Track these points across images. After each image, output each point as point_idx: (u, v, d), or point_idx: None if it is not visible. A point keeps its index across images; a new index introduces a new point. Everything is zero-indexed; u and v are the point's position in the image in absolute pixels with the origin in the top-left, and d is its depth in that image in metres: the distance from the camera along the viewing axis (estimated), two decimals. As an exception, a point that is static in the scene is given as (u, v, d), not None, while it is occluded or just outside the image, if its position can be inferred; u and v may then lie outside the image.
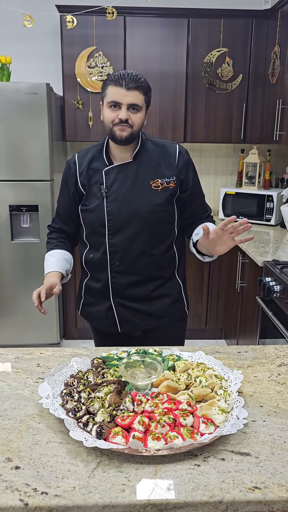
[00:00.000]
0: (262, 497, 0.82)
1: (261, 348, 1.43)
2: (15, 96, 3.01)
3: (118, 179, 1.58)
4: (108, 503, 0.80)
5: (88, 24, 3.27)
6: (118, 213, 1.57)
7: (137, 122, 1.51)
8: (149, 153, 1.59)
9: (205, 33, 3.34)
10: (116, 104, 1.47)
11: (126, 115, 1.48)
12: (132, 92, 1.46)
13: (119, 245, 1.59)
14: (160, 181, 1.57)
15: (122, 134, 1.50)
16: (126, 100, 1.46)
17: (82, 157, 1.65)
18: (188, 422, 0.99)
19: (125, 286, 1.64)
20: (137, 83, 1.47)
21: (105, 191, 1.57)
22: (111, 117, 1.49)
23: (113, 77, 1.48)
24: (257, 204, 3.52)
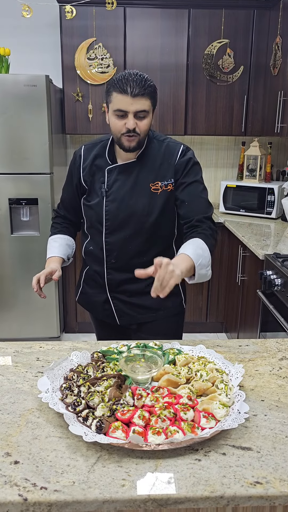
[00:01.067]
0: (263, 492, 0.81)
1: (263, 342, 1.42)
2: (14, 88, 2.98)
3: (119, 179, 1.57)
4: (108, 498, 0.79)
5: (88, 15, 3.23)
6: (116, 214, 1.57)
7: (144, 129, 1.48)
8: (153, 153, 1.57)
9: (206, 24, 3.31)
10: (122, 112, 1.44)
11: (133, 123, 1.44)
12: (138, 100, 1.41)
13: (115, 244, 1.60)
14: (160, 184, 1.55)
15: (130, 145, 1.49)
16: (133, 108, 1.42)
17: (88, 151, 1.64)
18: (188, 416, 0.98)
19: (121, 282, 1.64)
20: (143, 89, 1.41)
21: (106, 190, 1.57)
22: (119, 127, 1.47)
23: (117, 83, 1.42)
24: (258, 197, 3.50)
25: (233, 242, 3.26)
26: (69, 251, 1.73)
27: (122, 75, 1.43)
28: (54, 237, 1.75)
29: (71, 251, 1.76)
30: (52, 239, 1.75)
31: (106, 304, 1.69)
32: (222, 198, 3.63)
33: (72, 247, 1.77)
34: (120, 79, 1.42)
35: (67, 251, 1.72)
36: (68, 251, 1.73)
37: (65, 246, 1.72)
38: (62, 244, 1.72)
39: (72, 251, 1.77)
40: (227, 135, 3.54)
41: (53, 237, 1.75)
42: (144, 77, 1.44)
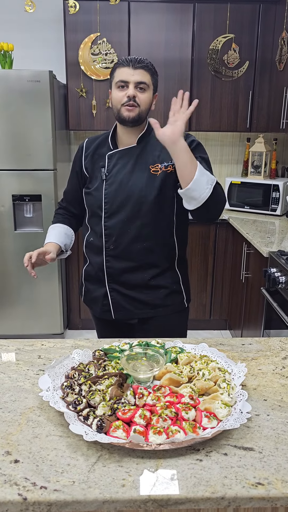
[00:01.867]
0: (265, 493, 0.80)
1: (266, 341, 1.41)
2: (17, 84, 2.96)
3: (119, 163, 1.59)
4: (108, 498, 0.79)
5: (92, 9, 3.21)
6: (114, 196, 1.58)
7: (144, 102, 1.52)
8: (153, 139, 1.56)
9: (211, 18, 3.27)
10: (123, 83, 1.50)
11: (134, 92, 1.50)
12: (139, 71, 1.50)
13: (113, 228, 1.59)
14: (159, 166, 1.56)
15: (130, 115, 1.51)
16: (133, 78, 1.49)
17: (91, 142, 1.69)
18: (190, 416, 0.97)
19: (120, 272, 1.63)
20: (143, 63, 1.51)
21: (105, 174, 1.60)
22: (119, 97, 1.52)
23: (120, 60, 1.54)
24: (263, 193, 3.47)
25: (238, 239, 3.24)
26: (67, 241, 1.74)
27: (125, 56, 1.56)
28: (53, 225, 1.78)
29: (70, 241, 1.76)
30: (51, 227, 1.77)
31: (105, 299, 1.68)
32: (227, 194, 3.61)
33: (71, 237, 1.77)
34: (123, 57, 1.54)
35: (65, 239, 1.73)
36: (66, 240, 1.73)
37: (63, 235, 1.73)
38: (60, 232, 1.73)
39: (71, 242, 1.77)
40: (232, 131, 3.51)
41: (53, 226, 1.78)
42: (146, 58, 1.54)
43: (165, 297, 1.66)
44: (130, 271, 1.62)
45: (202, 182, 1.41)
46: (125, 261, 1.61)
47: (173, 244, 1.65)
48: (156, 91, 1.60)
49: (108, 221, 1.60)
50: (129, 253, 1.60)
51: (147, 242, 1.60)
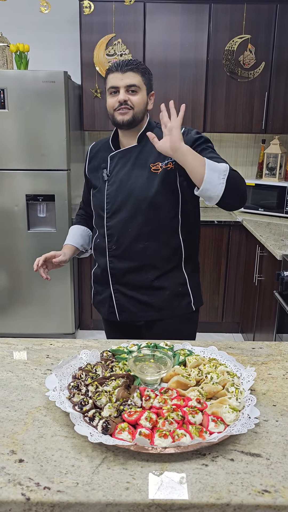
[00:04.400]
0: (271, 501, 0.78)
1: (276, 345, 1.38)
2: (32, 84, 2.98)
3: (120, 163, 1.60)
4: (111, 501, 0.78)
5: (107, 10, 3.21)
6: (115, 195, 1.58)
7: (137, 103, 1.52)
8: None
9: (227, 19, 3.25)
10: (114, 88, 1.51)
11: (125, 96, 1.50)
12: (127, 74, 1.49)
13: (115, 227, 1.59)
14: (160, 164, 1.55)
15: (124, 118, 1.52)
16: (123, 82, 1.50)
17: (96, 146, 1.73)
18: (197, 420, 0.95)
19: (123, 272, 1.61)
20: (132, 65, 1.50)
21: (107, 175, 1.61)
22: (112, 103, 1.53)
23: (110, 66, 1.54)
24: (278, 196, 3.43)
25: (251, 242, 3.21)
26: (82, 241, 1.79)
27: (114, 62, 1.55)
28: (72, 227, 1.85)
29: (87, 240, 1.81)
30: (71, 228, 1.85)
31: (111, 301, 1.67)
32: (241, 196, 3.57)
33: (88, 237, 1.82)
34: (113, 64, 1.53)
35: (80, 240, 1.78)
36: (81, 241, 1.79)
37: (78, 236, 1.79)
38: (76, 233, 1.80)
39: (88, 241, 1.81)
40: (247, 132, 3.48)
41: (72, 227, 1.85)
42: (135, 59, 1.54)
43: (170, 299, 1.63)
44: (132, 271, 1.61)
45: (214, 178, 1.38)
46: (127, 261, 1.60)
47: (178, 243, 1.61)
48: (152, 90, 1.59)
49: (110, 221, 1.60)
50: (130, 252, 1.59)
51: (149, 241, 1.57)
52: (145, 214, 1.56)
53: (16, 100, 3.01)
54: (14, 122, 3.04)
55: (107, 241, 1.62)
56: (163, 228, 1.58)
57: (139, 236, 1.57)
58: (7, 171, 3.13)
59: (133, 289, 1.63)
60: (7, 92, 2.99)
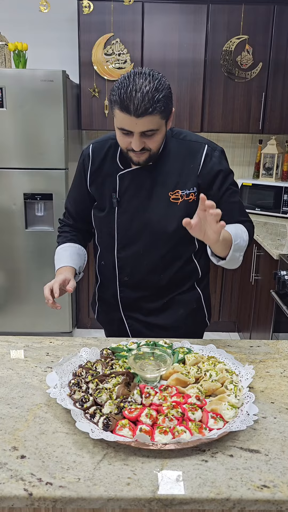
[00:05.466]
0: (270, 496, 0.80)
1: (274, 343, 1.40)
2: (31, 83, 2.99)
3: (132, 187, 1.39)
4: (112, 496, 0.79)
5: (106, 10, 3.22)
6: (128, 226, 1.42)
7: (155, 146, 1.29)
8: (172, 155, 1.38)
9: (225, 19, 3.26)
10: (126, 131, 1.25)
11: (140, 144, 1.25)
12: (143, 119, 1.20)
13: (128, 260, 1.45)
14: (180, 193, 1.37)
15: (140, 160, 1.32)
16: (138, 128, 1.22)
17: (97, 151, 1.45)
18: (196, 416, 0.97)
19: (136, 300, 1.50)
20: (150, 107, 1.18)
21: (117, 199, 1.40)
22: (124, 144, 1.29)
23: (118, 99, 1.20)
24: (274, 196, 3.45)
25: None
26: (80, 262, 1.53)
27: (125, 88, 1.18)
28: (63, 245, 1.54)
29: (83, 262, 1.55)
30: (61, 248, 1.54)
31: (121, 324, 1.56)
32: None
33: (84, 258, 1.56)
34: (122, 95, 1.19)
35: (79, 261, 1.52)
36: (79, 262, 1.52)
37: (76, 256, 1.51)
38: (73, 253, 1.51)
39: (84, 263, 1.56)
40: (244, 132, 3.49)
41: (62, 246, 1.54)
42: (152, 89, 1.18)
43: (185, 318, 1.52)
44: (146, 299, 1.49)
45: (235, 256, 1.26)
46: (141, 290, 1.48)
47: (194, 267, 1.50)
48: (172, 111, 1.30)
49: (122, 252, 1.45)
50: (145, 283, 1.47)
51: (166, 272, 1.45)
52: (162, 248, 1.42)
53: (14, 99, 3.01)
54: (12, 121, 3.04)
55: (118, 271, 1.48)
56: (181, 257, 1.46)
57: (155, 268, 1.45)
58: (5, 170, 3.13)
59: (146, 314, 1.51)
60: (5, 90, 2.99)
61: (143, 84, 1.18)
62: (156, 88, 1.19)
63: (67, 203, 1.60)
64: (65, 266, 1.47)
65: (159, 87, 1.20)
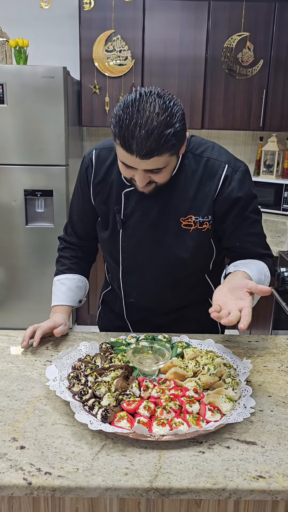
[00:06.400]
0: (266, 486, 0.81)
1: (272, 338, 1.41)
2: (31, 80, 2.99)
3: (139, 208, 1.24)
4: (110, 485, 0.80)
5: (107, 6, 3.22)
6: (133, 254, 1.30)
7: (163, 180, 1.14)
8: (187, 174, 1.21)
9: (226, 16, 3.26)
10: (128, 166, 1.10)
11: (145, 179, 1.10)
12: (148, 161, 1.04)
13: (133, 286, 1.36)
14: (194, 219, 1.22)
15: (145, 191, 1.17)
16: (142, 166, 1.07)
17: (101, 159, 1.29)
18: (194, 409, 0.98)
19: (143, 318, 1.44)
20: (156, 149, 1.01)
21: (122, 221, 1.26)
22: (126, 175, 1.15)
23: (118, 133, 1.02)
24: (275, 193, 3.46)
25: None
26: (79, 294, 1.43)
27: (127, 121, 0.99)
28: (60, 277, 1.42)
29: (83, 293, 1.46)
30: (58, 280, 1.42)
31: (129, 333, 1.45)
32: (238, 193, 3.60)
33: (85, 289, 1.46)
34: (123, 131, 1.00)
35: (78, 295, 1.42)
36: (78, 295, 1.43)
37: (75, 290, 1.41)
38: (71, 287, 1.40)
39: (85, 293, 1.46)
40: (245, 129, 3.50)
41: (60, 278, 1.42)
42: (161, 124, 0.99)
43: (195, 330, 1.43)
44: (154, 317, 1.43)
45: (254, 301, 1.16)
46: (149, 311, 1.41)
47: (206, 286, 1.40)
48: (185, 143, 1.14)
49: (127, 277, 1.35)
50: (153, 305, 1.39)
51: (176, 296, 1.37)
52: (172, 277, 1.31)
53: (15, 95, 3.01)
54: (13, 117, 3.05)
55: (124, 294, 1.39)
56: (193, 281, 1.36)
57: (164, 295, 1.36)
58: (6, 166, 3.14)
59: (155, 329, 1.39)
60: (6, 87, 2.99)
61: (149, 116, 0.99)
62: (166, 122, 1.00)
63: (71, 216, 1.45)
64: (59, 305, 1.39)
65: (169, 121, 1.00)
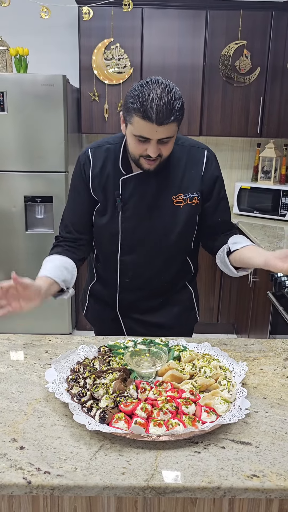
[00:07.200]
0: (260, 485, 0.83)
1: (268, 342, 1.43)
2: (32, 88, 3.03)
3: (136, 192, 1.41)
4: (108, 484, 0.82)
5: (106, 15, 3.27)
6: (133, 231, 1.44)
7: (168, 152, 1.32)
8: (175, 160, 1.40)
9: (223, 25, 3.31)
10: (144, 138, 1.25)
11: (157, 151, 1.27)
12: (164, 127, 1.22)
13: (131, 264, 1.48)
14: (183, 196, 1.41)
15: (151, 167, 1.33)
16: (157, 135, 1.24)
17: (96, 155, 1.44)
18: (190, 410, 1.00)
19: (134, 300, 1.56)
20: (171, 115, 1.21)
21: (121, 205, 1.41)
22: (138, 150, 1.29)
23: (140, 107, 1.20)
24: (273, 199, 3.49)
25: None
26: (66, 275, 1.38)
27: (146, 97, 1.20)
28: (50, 257, 1.44)
29: (70, 277, 1.41)
30: (46, 259, 1.43)
31: (115, 323, 1.60)
32: (236, 199, 3.63)
33: (72, 273, 1.43)
34: (145, 103, 1.20)
35: (63, 274, 1.38)
36: (64, 275, 1.38)
37: (61, 268, 1.38)
38: (58, 265, 1.39)
39: (72, 278, 1.42)
40: (243, 136, 3.54)
41: (49, 257, 1.44)
42: (171, 98, 1.21)
43: (179, 315, 1.60)
44: (144, 299, 1.55)
45: None
46: (141, 292, 1.53)
47: (188, 266, 1.58)
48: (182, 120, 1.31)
49: (125, 256, 1.47)
50: (146, 286, 1.52)
51: (167, 275, 1.52)
52: (166, 252, 1.47)
53: (15, 103, 3.05)
54: (13, 124, 3.09)
55: (120, 274, 1.50)
56: (180, 259, 1.54)
57: (157, 271, 1.50)
58: (6, 173, 3.17)
59: (142, 313, 1.56)
60: (6, 95, 3.04)
61: (162, 93, 1.20)
62: (175, 97, 1.22)
63: (66, 217, 1.53)
64: (41, 276, 1.33)
65: (176, 96, 1.23)
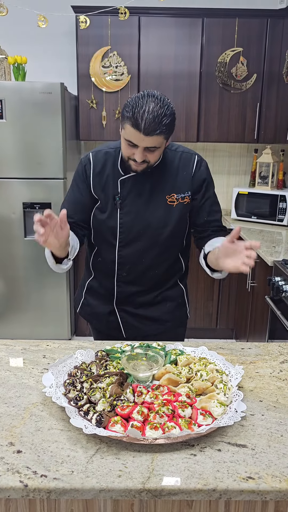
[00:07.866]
0: (255, 487, 0.83)
1: (265, 345, 1.44)
2: (30, 96, 3.06)
3: (134, 190, 1.54)
4: (104, 487, 0.83)
5: (103, 24, 3.30)
6: (131, 226, 1.55)
7: (154, 159, 1.45)
8: (168, 164, 1.55)
9: (220, 32, 3.35)
10: (132, 144, 1.39)
11: (142, 156, 1.41)
12: (150, 138, 1.36)
13: (128, 257, 1.59)
14: (176, 196, 1.55)
15: (138, 169, 1.47)
16: (144, 144, 1.38)
17: (97, 158, 1.57)
18: (186, 413, 1.00)
19: (130, 294, 1.65)
20: (158, 128, 1.34)
21: (120, 202, 1.54)
22: (128, 153, 1.44)
23: (131, 116, 1.34)
24: (270, 204, 3.51)
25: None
26: (74, 243, 1.49)
27: (138, 108, 1.34)
28: None
29: (76, 247, 1.51)
30: None
31: (112, 316, 1.68)
32: (234, 204, 3.65)
33: (76, 241, 1.52)
34: (136, 113, 1.34)
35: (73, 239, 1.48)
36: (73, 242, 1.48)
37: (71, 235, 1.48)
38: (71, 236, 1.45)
39: (75, 250, 1.50)
40: (240, 142, 3.56)
41: None
42: (161, 114, 1.34)
43: (173, 310, 1.70)
44: (140, 293, 1.65)
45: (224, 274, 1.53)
46: (137, 285, 1.63)
47: (180, 263, 1.69)
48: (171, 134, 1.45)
49: (123, 250, 1.58)
50: (142, 279, 1.62)
51: (160, 269, 1.62)
52: (161, 246, 1.58)
53: (14, 110, 3.08)
54: (12, 132, 3.11)
55: (117, 267, 1.61)
56: (173, 255, 1.64)
57: (152, 265, 1.61)
58: (5, 180, 3.19)
59: (138, 307, 1.66)
60: (5, 102, 3.06)
61: (154, 107, 1.34)
62: (165, 113, 1.36)
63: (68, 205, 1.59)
64: None
65: (167, 113, 1.37)
